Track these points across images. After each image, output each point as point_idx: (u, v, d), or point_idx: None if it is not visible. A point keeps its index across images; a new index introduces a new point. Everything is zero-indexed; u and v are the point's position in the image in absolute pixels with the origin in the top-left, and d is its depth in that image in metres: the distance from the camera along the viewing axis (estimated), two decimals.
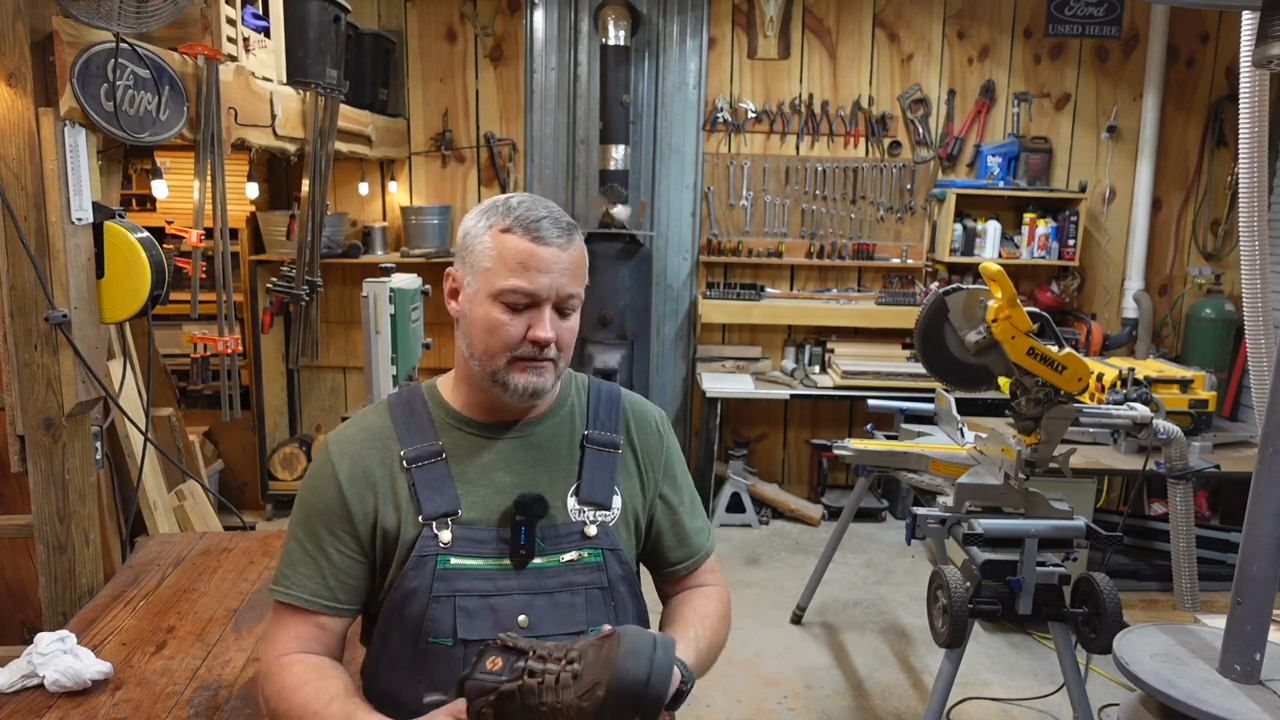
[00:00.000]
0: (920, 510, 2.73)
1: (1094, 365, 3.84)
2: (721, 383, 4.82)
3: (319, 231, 3.62)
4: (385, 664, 1.28)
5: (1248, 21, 2.10)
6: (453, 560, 1.25)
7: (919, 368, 4.33)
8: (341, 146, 3.89)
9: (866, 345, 5.06)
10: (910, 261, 5.04)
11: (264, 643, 1.33)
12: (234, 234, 4.14)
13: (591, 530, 1.31)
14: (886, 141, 5.01)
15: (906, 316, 4.77)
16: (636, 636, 1.05)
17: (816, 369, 5.07)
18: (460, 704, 1.11)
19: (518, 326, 1.24)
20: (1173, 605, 3.56)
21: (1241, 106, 2.20)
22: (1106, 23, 4.91)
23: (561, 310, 1.27)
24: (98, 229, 2.24)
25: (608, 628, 1.11)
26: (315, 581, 1.27)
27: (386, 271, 3.08)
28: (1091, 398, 3.67)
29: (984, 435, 3.03)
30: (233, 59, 2.81)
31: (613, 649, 1.04)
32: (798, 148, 5.03)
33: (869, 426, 4.05)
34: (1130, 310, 5.04)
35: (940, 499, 2.83)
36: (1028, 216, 4.91)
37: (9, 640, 2.75)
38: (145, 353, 2.95)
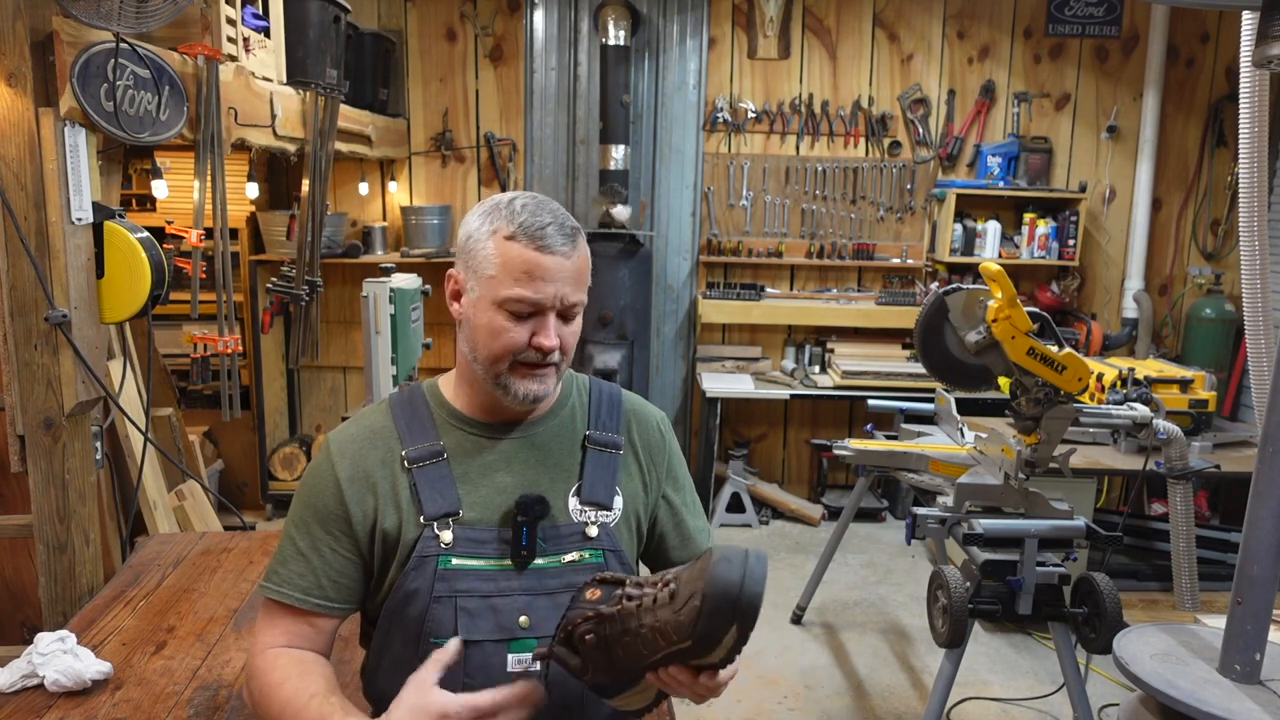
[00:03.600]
0: (920, 510, 2.73)
1: (1094, 365, 3.84)
2: (721, 383, 4.82)
3: (319, 231, 3.62)
4: (386, 665, 1.28)
5: (1248, 21, 2.10)
6: (454, 561, 1.24)
7: (919, 368, 4.33)
8: (341, 146, 3.89)
9: (866, 345, 5.05)
10: (910, 261, 5.03)
11: (252, 636, 1.33)
12: (234, 234, 4.14)
13: (593, 531, 1.31)
14: (886, 141, 5.01)
15: (906, 316, 4.77)
16: (728, 548, 1.07)
17: (816, 369, 5.07)
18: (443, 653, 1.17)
19: (521, 333, 1.24)
20: (1173, 605, 3.56)
21: (1241, 106, 2.20)
22: (1106, 23, 4.91)
23: (565, 316, 1.27)
24: (98, 229, 2.24)
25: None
26: (306, 580, 1.27)
27: (386, 271, 3.08)
28: (1091, 398, 3.67)
29: (984, 435, 3.03)
30: (233, 59, 2.81)
31: (705, 561, 1.06)
32: (798, 148, 5.02)
33: (869, 426, 4.05)
34: (1130, 310, 5.04)
35: (940, 499, 2.83)
36: (1028, 216, 4.91)
37: (9, 640, 2.75)
38: (145, 353, 2.94)
